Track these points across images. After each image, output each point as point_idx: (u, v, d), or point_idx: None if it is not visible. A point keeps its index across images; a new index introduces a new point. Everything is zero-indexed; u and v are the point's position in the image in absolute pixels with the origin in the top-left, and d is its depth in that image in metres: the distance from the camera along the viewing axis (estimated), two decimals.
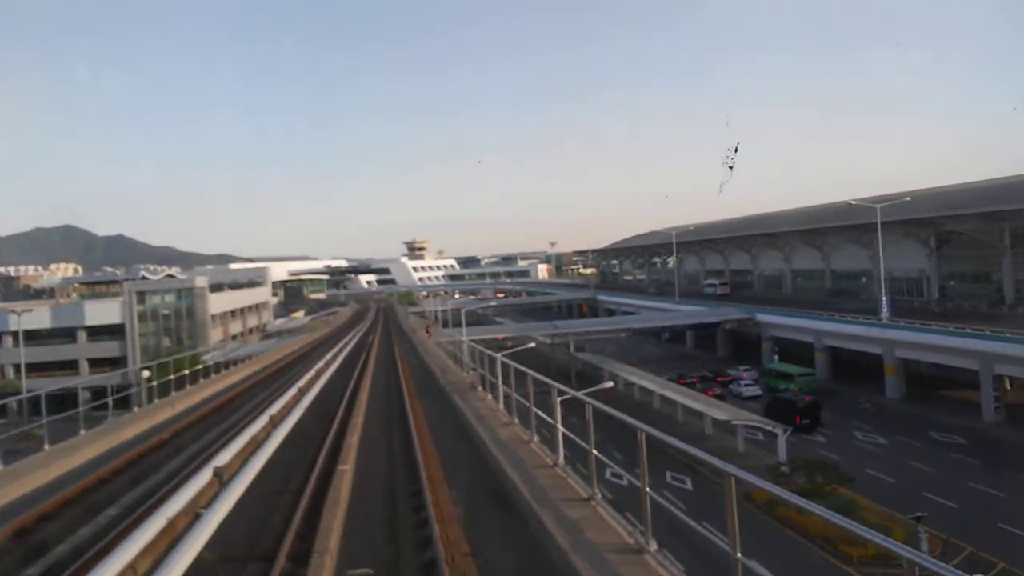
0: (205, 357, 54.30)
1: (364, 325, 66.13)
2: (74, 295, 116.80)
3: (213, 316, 75.16)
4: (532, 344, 43.78)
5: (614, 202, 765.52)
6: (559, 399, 9.58)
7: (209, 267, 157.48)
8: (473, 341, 25.44)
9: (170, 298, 70.86)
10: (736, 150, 19.54)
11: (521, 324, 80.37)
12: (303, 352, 42.19)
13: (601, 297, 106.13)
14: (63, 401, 19.78)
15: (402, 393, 20.48)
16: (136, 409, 19.52)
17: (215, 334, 73.70)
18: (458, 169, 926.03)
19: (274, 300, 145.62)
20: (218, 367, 31.35)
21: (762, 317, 63.32)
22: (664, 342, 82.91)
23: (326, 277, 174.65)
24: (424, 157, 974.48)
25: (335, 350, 38.73)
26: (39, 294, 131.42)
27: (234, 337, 75.14)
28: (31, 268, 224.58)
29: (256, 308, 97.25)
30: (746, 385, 53.11)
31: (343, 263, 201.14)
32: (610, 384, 29.53)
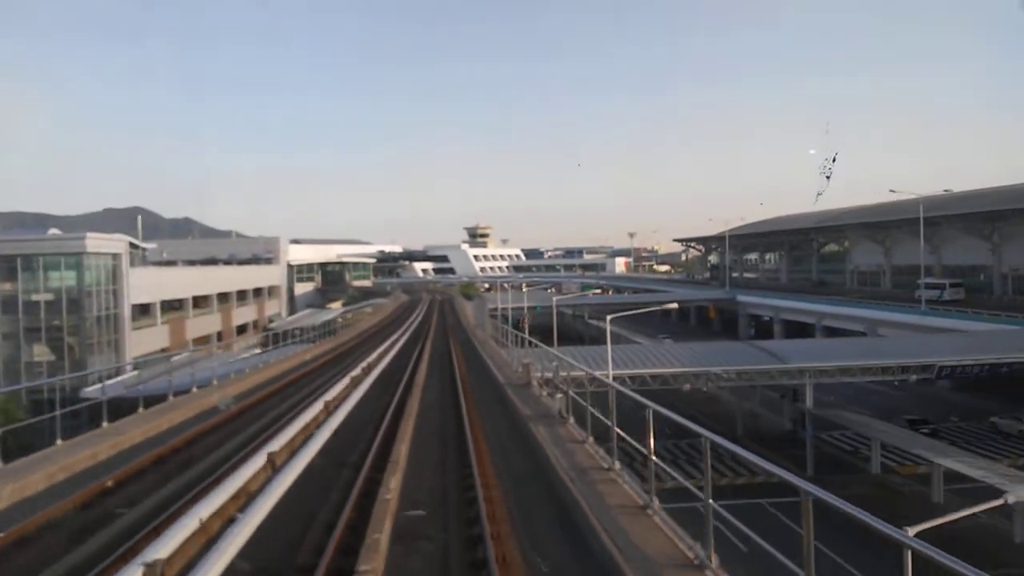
0: (89, 390, 27.50)
1: (400, 336, 37.22)
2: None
3: (146, 306, 46.46)
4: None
5: (691, 197, 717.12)
6: None
7: (221, 240, 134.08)
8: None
9: (51, 274, 40.91)
10: (834, 160, 16.33)
11: (690, 345, 47.82)
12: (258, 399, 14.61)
13: (744, 299, 74.64)
14: None
15: None
16: None
17: (145, 337, 45.46)
18: (526, 157, 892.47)
19: (310, 287, 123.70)
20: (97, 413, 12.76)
21: None
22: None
23: (372, 261, 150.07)
24: (490, 142, 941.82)
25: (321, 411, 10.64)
26: None
27: (201, 341, 47.16)
28: None
29: (255, 295, 68.73)
30: None
31: (397, 249, 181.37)
32: None
